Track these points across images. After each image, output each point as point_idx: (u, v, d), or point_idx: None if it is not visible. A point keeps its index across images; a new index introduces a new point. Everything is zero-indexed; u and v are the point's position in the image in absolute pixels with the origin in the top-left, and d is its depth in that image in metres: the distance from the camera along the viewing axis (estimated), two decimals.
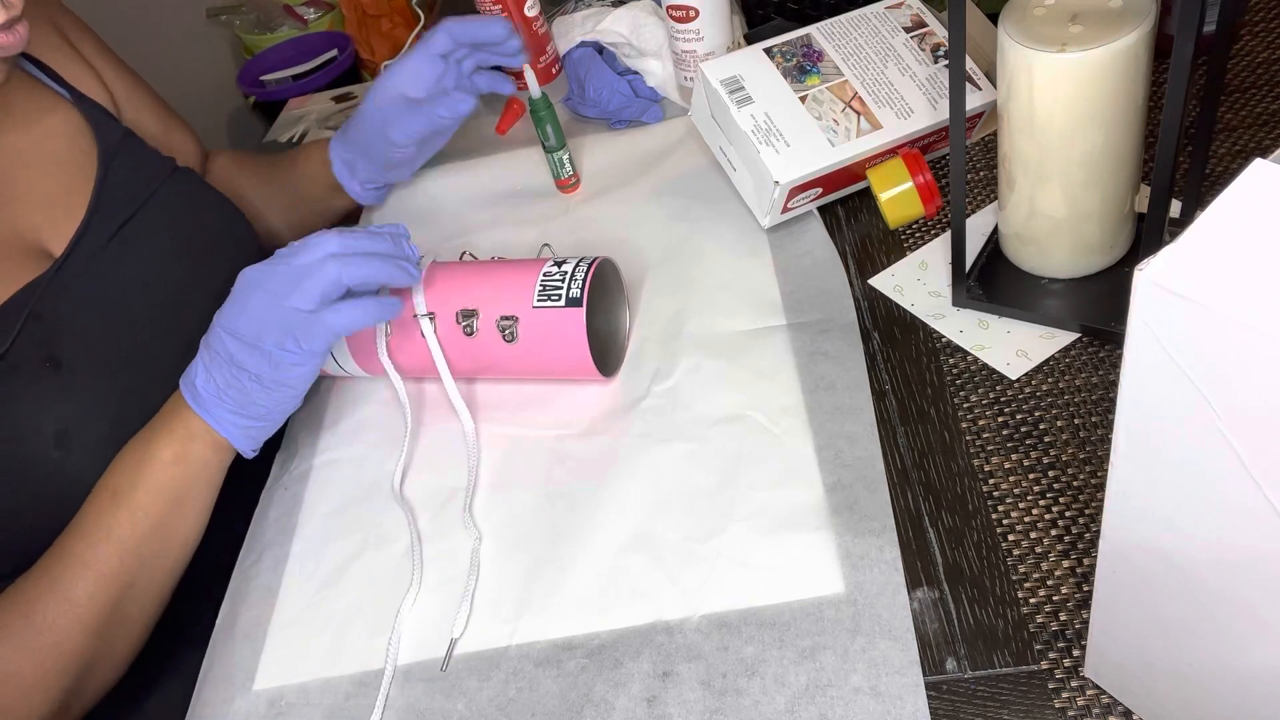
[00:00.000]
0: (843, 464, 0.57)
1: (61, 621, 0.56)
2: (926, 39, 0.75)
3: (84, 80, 0.74)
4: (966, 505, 0.54)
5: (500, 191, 0.87)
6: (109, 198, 0.69)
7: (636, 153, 0.86)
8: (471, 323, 0.62)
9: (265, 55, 1.83)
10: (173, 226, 0.72)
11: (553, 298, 0.61)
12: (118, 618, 0.58)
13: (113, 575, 0.57)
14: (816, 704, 0.48)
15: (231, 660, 0.58)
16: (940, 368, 0.62)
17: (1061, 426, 0.57)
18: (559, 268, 0.63)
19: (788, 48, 0.73)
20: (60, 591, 0.56)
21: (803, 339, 0.65)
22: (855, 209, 0.75)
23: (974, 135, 0.77)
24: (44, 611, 0.56)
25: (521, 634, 0.54)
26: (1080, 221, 0.59)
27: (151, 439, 0.61)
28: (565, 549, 0.57)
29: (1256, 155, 0.62)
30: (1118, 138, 0.55)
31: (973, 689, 0.47)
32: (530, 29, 0.94)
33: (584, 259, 0.64)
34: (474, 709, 0.52)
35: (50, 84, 0.72)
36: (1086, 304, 0.61)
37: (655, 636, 0.52)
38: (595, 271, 0.63)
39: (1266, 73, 0.73)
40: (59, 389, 0.61)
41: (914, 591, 0.51)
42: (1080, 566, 0.50)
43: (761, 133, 0.69)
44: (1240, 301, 0.26)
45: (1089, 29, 0.52)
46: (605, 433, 0.63)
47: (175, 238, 0.71)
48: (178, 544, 0.61)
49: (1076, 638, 0.48)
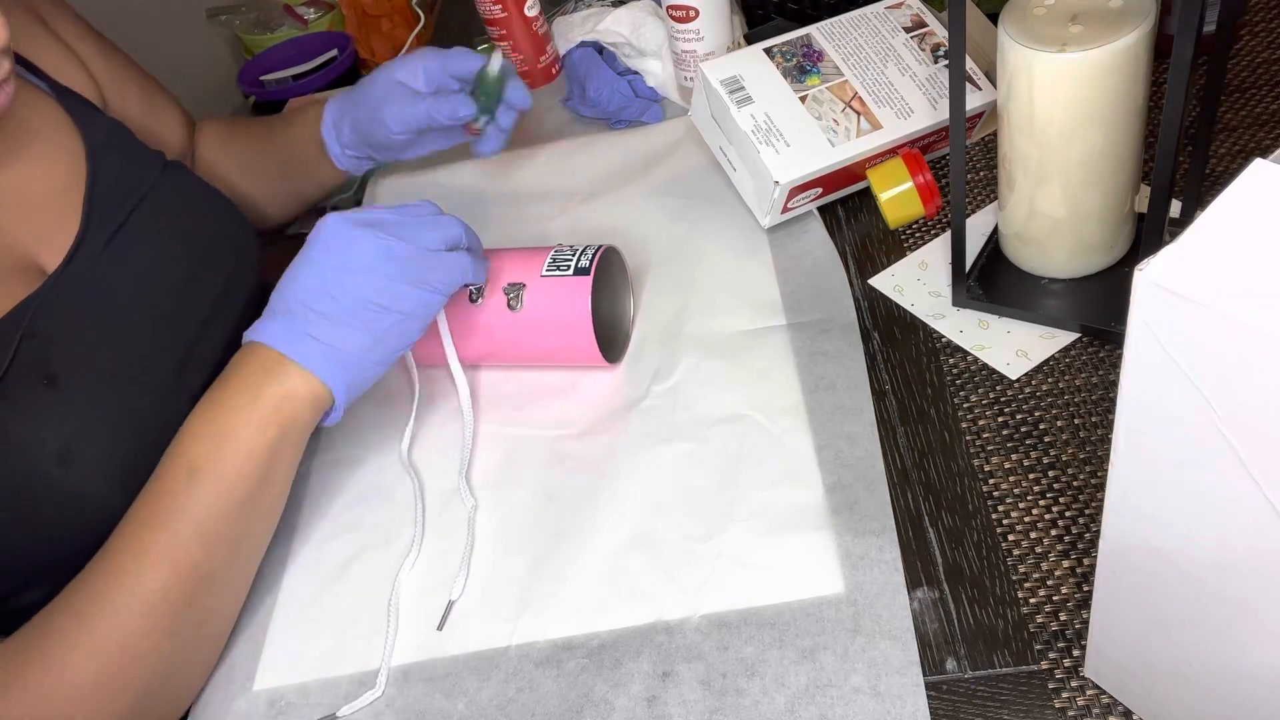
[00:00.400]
0: (843, 464, 0.57)
1: (129, 620, 0.50)
2: (926, 39, 0.75)
3: (64, 69, 0.70)
4: (966, 505, 0.54)
5: (500, 191, 0.87)
6: (101, 202, 0.66)
7: (636, 153, 0.86)
8: (478, 289, 0.64)
9: (265, 55, 1.83)
10: (168, 230, 0.70)
11: (561, 267, 0.63)
12: (197, 615, 0.53)
13: (192, 565, 0.52)
14: (816, 704, 0.48)
15: (232, 660, 0.58)
16: (940, 368, 0.62)
17: (1061, 426, 0.57)
18: (570, 248, 0.65)
19: (788, 48, 0.73)
20: (127, 585, 0.51)
21: (803, 339, 0.65)
22: (855, 209, 0.75)
23: (974, 135, 0.77)
24: (109, 608, 0.50)
25: (521, 634, 0.54)
26: (1080, 221, 0.59)
27: (232, 403, 0.55)
28: (565, 549, 0.57)
29: (1256, 155, 0.62)
30: (1118, 138, 0.55)
31: (973, 689, 0.47)
32: (530, 29, 0.95)
33: (594, 245, 0.65)
34: (474, 709, 0.52)
35: (29, 77, 0.67)
36: (1086, 304, 0.61)
37: (655, 636, 0.52)
38: (602, 257, 0.64)
39: (1267, 72, 0.73)
40: (58, 406, 0.59)
41: (914, 591, 0.51)
42: (1080, 566, 0.50)
43: (761, 133, 0.69)
44: (1240, 301, 0.26)
45: (1089, 29, 0.52)
46: (605, 432, 0.63)
47: (171, 240, 0.70)
48: (263, 523, 0.57)
49: (1076, 638, 0.48)
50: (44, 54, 0.69)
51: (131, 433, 0.60)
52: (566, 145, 0.89)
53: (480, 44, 1.06)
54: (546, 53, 0.97)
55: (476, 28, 1.10)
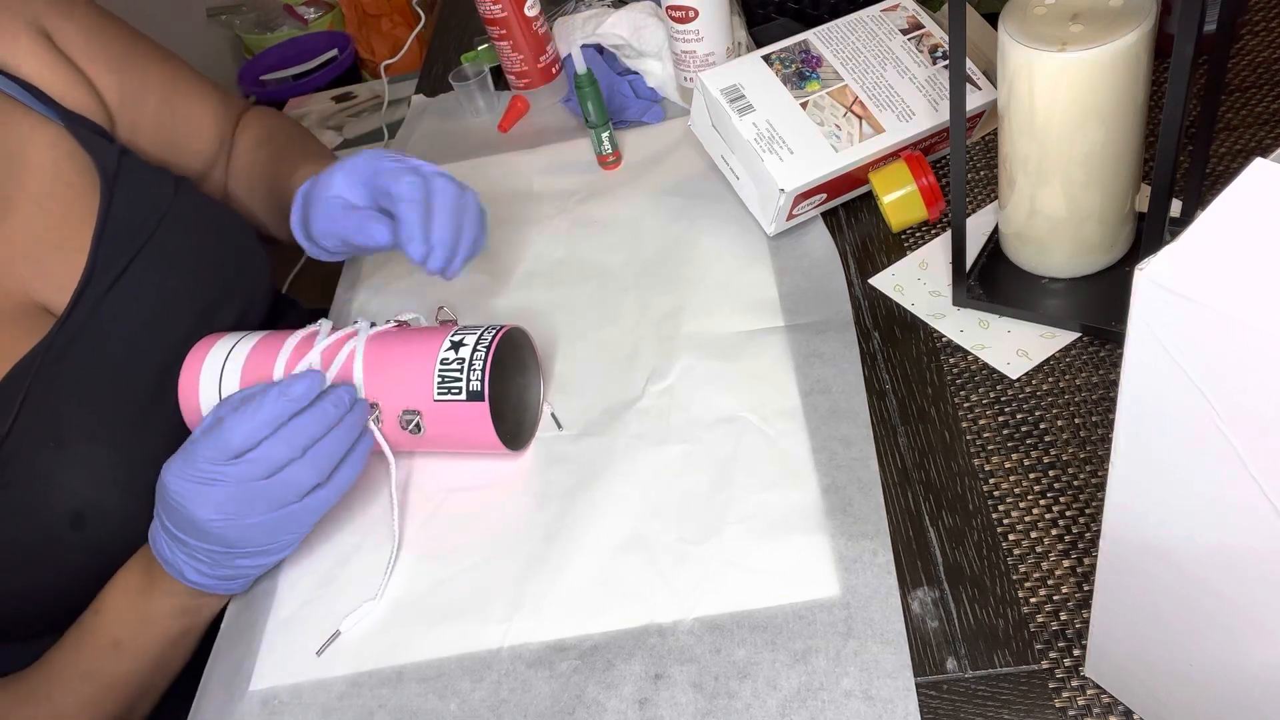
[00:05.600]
0: (837, 466, 0.57)
1: None
2: (924, 40, 0.74)
3: (73, 94, 0.66)
4: (967, 505, 0.54)
5: (500, 192, 0.87)
6: (110, 237, 0.63)
7: (636, 153, 0.86)
8: (376, 413, 0.60)
9: (265, 55, 1.83)
10: (181, 261, 0.66)
11: (453, 391, 0.58)
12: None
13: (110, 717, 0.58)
14: (808, 707, 0.47)
15: (230, 661, 0.57)
16: (940, 367, 0.61)
17: (1062, 426, 0.56)
18: (455, 352, 0.59)
19: (786, 54, 0.73)
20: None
21: (800, 341, 0.64)
22: (856, 209, 0.75)
23: (974, 134, 0.76)
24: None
25: (514, 635, 0.54)
26: (1080, 221, 0.59)
27: (151, 594, 0.58)
28: (558, 550, 0.57)
29: (1257, 154, 0.62)
30: (1118, 137, 0.55)
31: (973, 689, 0.47)
32: (530, 29, 0.94)
33: (482, 338, 0.59)
34: (466, 710, 0.51)
35: (37, 106, 0.64)
36: (1087, 303, 0.61)
37: (648, 638, 0.52)
38: (494, 354, 0.59)
39: (1267, 72, 0.73)
40: (67, 470, 0.58)
41: (914, 591, 0.51)
42: (1080, 566, 0.50)
43: (764, 141, 0.68)
44: (1240, 301, 0.26)
45: (1089, 28, 0.51)
46: (600, 434, 0.63)
47: (182, 272, 0.66)
48: (174, 673, 0.61)
49: (1077, 637, 0.48)
50: (52, 79, 0.66)
51: (144, 487, 0.58)
52: (566, 145, 0.89)
53: (480, 43, 1.06)
54: (546, 52, 0.97)
55: (476, 28, 1.10)
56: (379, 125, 1.76)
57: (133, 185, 0.66)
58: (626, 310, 0.71)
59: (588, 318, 0.72)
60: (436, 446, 0.62)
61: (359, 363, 0.60)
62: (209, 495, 0.52)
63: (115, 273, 0.63)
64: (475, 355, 0.58)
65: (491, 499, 0.62)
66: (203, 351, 0.63)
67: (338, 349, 0.61)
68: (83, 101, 0.67)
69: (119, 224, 0.64)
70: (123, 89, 0.71)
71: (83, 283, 0.61)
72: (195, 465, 0.52)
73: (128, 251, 0.64)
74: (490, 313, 0.75)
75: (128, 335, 0.63)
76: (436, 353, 0.59)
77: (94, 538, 0.58)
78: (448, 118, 1.00)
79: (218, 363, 0.62)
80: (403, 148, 0.98)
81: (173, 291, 0.66)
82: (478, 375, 0.58)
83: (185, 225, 0.67)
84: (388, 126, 1.62)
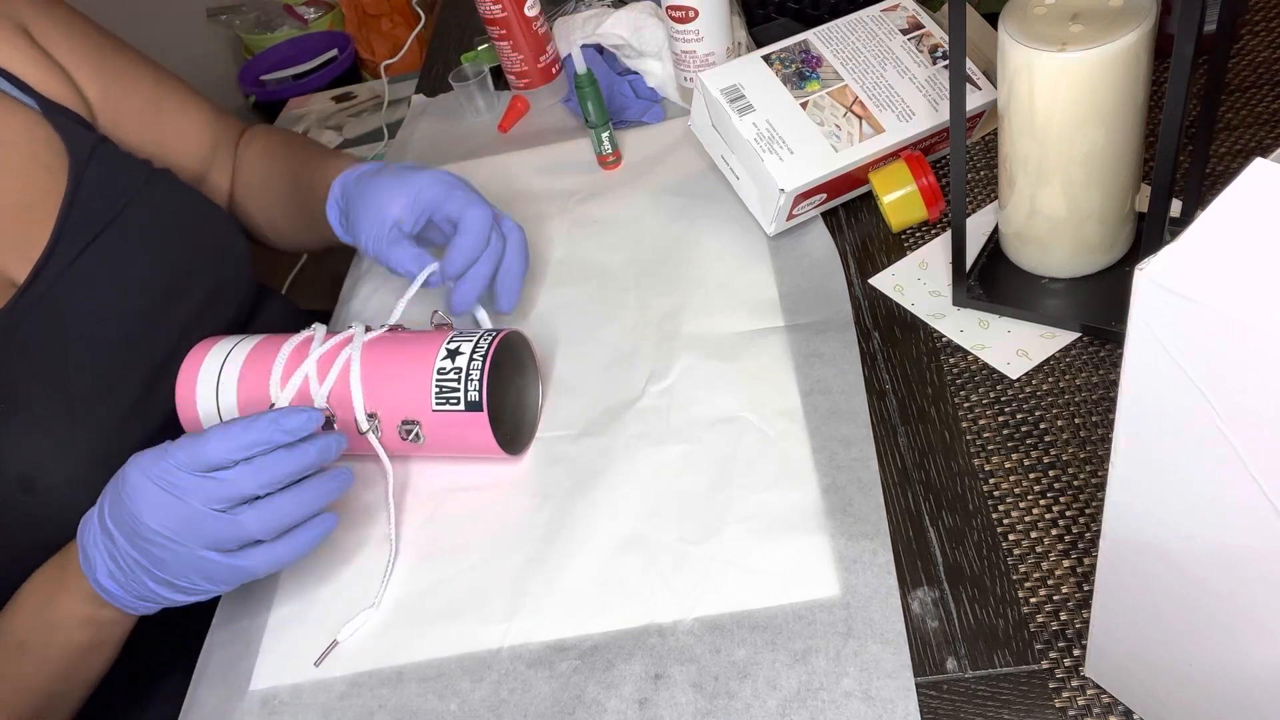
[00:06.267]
0: (837, 466, 0.57)
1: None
2: (924, 40, 0.74)
3: (51, 84, 0.68)
4: (967, 505, 0.54)
5: (500, 192, 0.87)
6: (78, 214, 0.64)
7: (636, 153, 0.86)
8: (375, 424, 0.60)
9: (265, 55, 1.83)
10: (147, 241, 0.66)
11: (451, 401, 0.58)
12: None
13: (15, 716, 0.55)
14: (808, 707, 0.47)
15: (227, 660, 0.57)
16: (940, 367, 0.61)
17: (1062, 426, 0.56)
18: (452, 360, 0.59)
19: (786, 54, 0.73)
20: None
21: (800, 341, 0.64)
22: (856, 209, 0.75)
23: (974, 134, 0.76)
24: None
25: (514, 635, 0.54)
26: (1080, 221, 0.59)
27: (61, 596, 0.56)
28: (558, 550, 0.57)
29: (1257, 154, 0.62)
30: (1118, 137, 0.55)
31: (973, 689, 0.47)
32: (530, 29, 0.94)
33: (478, 345, 0.59)
34: (466, 710, 0.51)
35: (13, 92, 0.65)
36: (1087, 303, 0.61)
37: (648, 638, 0.52)
38: (492, 359, 0.59)
39: (1267, 72, 0.73)
40: (17, 433, 0.58)
41: (914, 591, 0.51)
42: (1080, 566, 0.50)
43: (764, 141, 0.68)
44: (1240, 301, 0.26)
45: (1089, 28, 0.51)
46: (600, 434, 0.63)
47: (149, 252, 0.67)
48: (87, 684, 0.58)
49: (1077, 637, 0.48)
50: (29, 69, 0.67)
51: (96, 455, 0.58)
52: (566, 145, 0.89)
53: (480, 43, 1.06)
54: (546, 52, 0.97)
55: (476, 27, 1.10)
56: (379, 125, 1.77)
57: (105, 168, 0.66)
58: (626, 310, 0.71)
59: (588, 317, 0.72)
60: (437, 452, 0.62)
61: (355, 372, 0.60)
62: (162, 504, 0.50)
63: (78, 247, 0.63)
64: (472, 364, 0.58)
65: (491, 499, 0.62)
66: (201, 353, 0.64)
67: (333, 357, 0.61)
68: (62, 93, 0.68)
69: (87, 202, 0.64)
70: (105, 85, 0.72)
71: (45, 255, 0.62)
72: (162, 467, 0.51)
73: (93, 228, 0.64)
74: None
75: (87, 308, 0.63)
76: (433, 361, 0.59)
77: (43, 503, 0.58)
78: (448, 118, 1.00)
79: (216, 364, 0.63)
80: (403, 148, 0.98)
81: (136, 268, 0.65)
82: (475, 385, 0.58)
83: (154, 208, 0.68)
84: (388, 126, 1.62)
